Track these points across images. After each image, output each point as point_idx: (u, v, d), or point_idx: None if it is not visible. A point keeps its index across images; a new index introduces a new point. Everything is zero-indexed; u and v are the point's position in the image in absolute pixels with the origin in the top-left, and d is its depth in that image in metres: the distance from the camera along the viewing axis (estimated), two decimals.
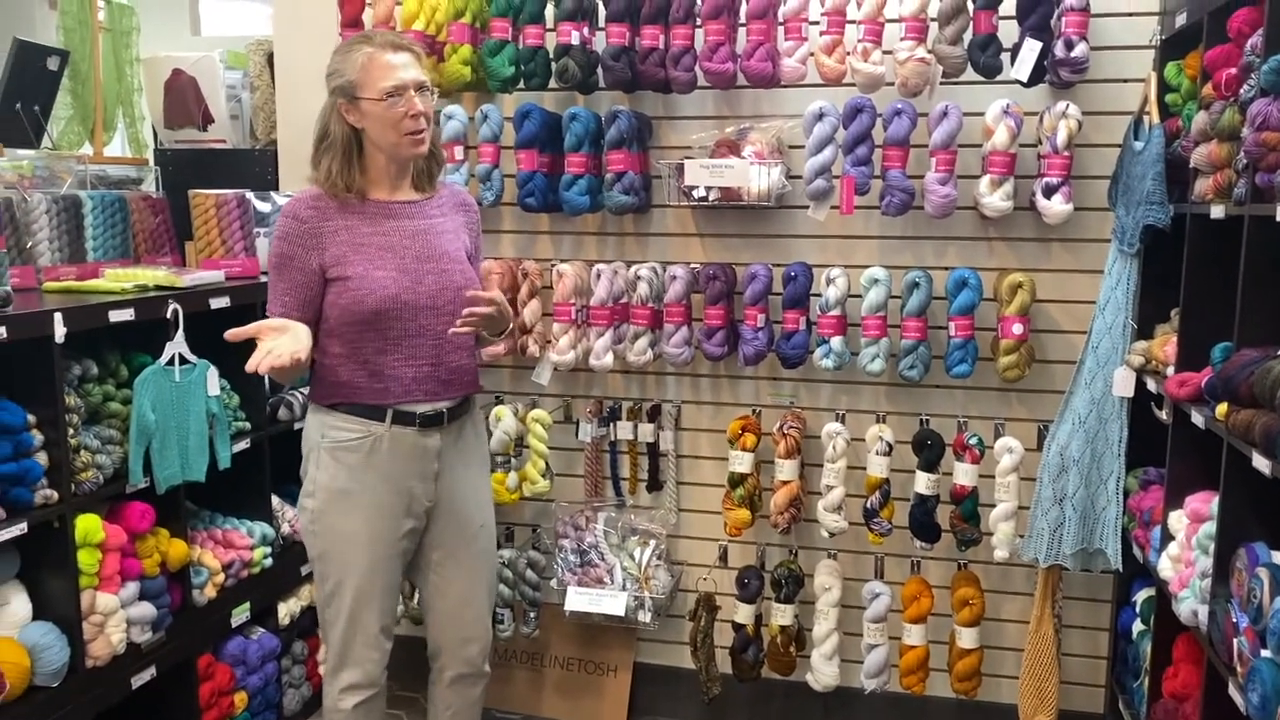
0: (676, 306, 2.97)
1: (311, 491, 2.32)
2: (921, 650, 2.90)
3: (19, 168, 2.87)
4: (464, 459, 2.41)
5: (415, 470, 2.31)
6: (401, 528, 2.34)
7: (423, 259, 2.28)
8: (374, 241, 2.26)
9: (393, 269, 2.24)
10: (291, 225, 2.25)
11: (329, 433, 2.30)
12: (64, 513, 2.33)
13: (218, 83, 3.41)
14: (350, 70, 2.22)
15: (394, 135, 2.22)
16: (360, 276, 2.23)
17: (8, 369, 2.29)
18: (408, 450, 2.29)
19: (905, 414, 3.00)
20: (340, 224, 2.25)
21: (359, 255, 2.24)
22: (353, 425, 2.28)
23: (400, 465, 2.29)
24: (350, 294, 2.23)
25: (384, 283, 2.23)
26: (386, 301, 2.23)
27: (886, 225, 2.92)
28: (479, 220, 2.49)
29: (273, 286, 2.26)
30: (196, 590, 2.76)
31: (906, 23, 2.69)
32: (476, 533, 2.44)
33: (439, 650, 2.50)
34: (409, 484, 2.31)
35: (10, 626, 2.29)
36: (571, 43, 2.89)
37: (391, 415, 2.27)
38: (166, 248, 3.23)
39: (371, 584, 2.33)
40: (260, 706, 3.03)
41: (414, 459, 2.30)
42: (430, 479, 2.34)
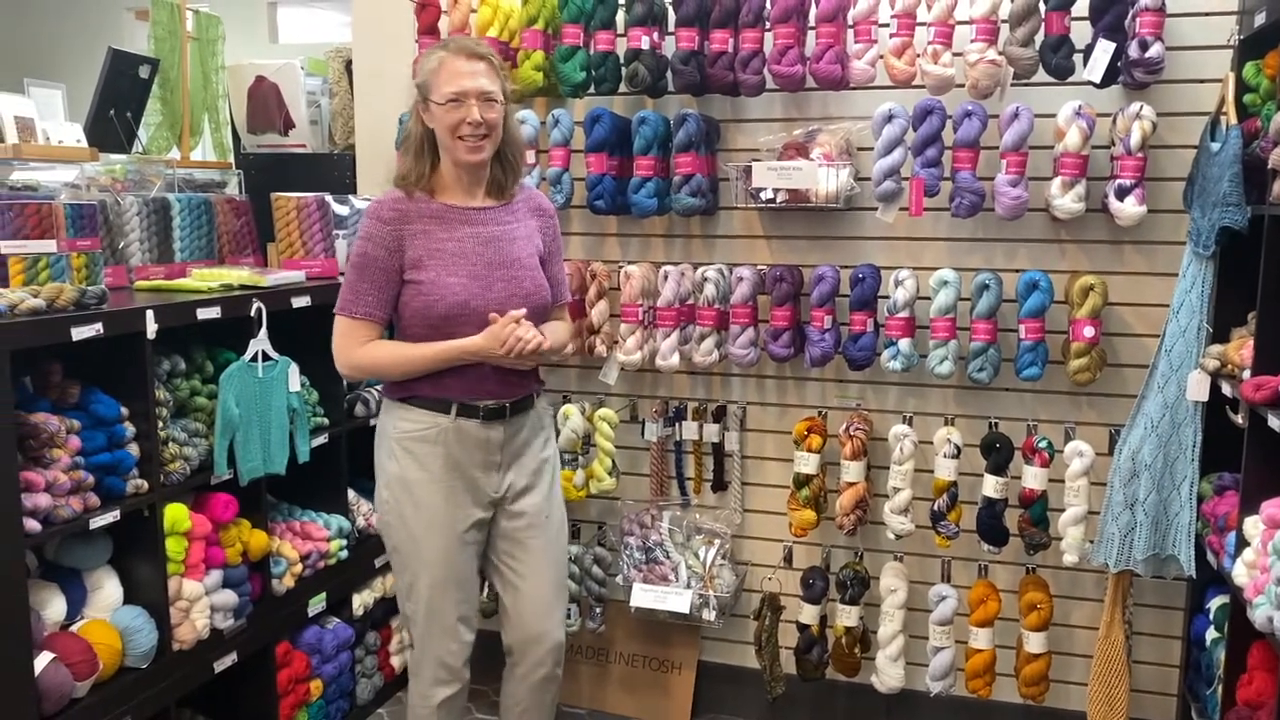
0: (743, 308, 3.00)
1: (385, 483, 2.42)
2: (988, 654, 2.88)
3: (112, 171, 3.00)
4: (529, 452, 2.46)
5: (479, 460, 2.38)
6: (470, 517, 2.40)
7: (494, 265, 2.34)
8: (448, 247, 2.32)
9: (464, 275, 2.31)
10: (375, 227, 2.32)
11: (399, 424, 2.39)
12: (154, 502, 2.43)
13: (298, 89, 3.52)
14: (426, 72, 2.30)
15: (450, 139, 2.29)
16: (432, 282, 2.30)
17: (103, 363, 2.39)
18: (472, 441, 2.36)
19: (974, 417, 2.99)
20: (419, 228, 2.32)
21: (433, 260, 2.31)
22: (421, 418, 2.36)
23: (465, 455, 2.36)
24: (422, 298, 2.31)
25: (454, 289, 2.30)
26: (455, 308, 2.30)
27: (956, 227, 2.91)
28: (556, 224, 2.54)
29: (353, 286, 2.33)
30: (276, 580, 2.86)
31: (977, 25, 2.69)
32: (543, 525, 2.48)
33: (511, 647, 2.54)
34: (474, 474, 2.38)
35: (103, 610, 2.40)
36: (642, 47, 2.94)
37: (456, 408, 2.34)
38: (249, 248, 3.34)
39: (445, 572, 2.40)
40: (335, 694, 3.12)
41: (478, 449, 2.37)
42: (494, 470, 2.41)
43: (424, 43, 3.17)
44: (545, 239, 2.48)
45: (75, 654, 2.23)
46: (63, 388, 2.32)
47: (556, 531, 2.54)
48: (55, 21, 9.25)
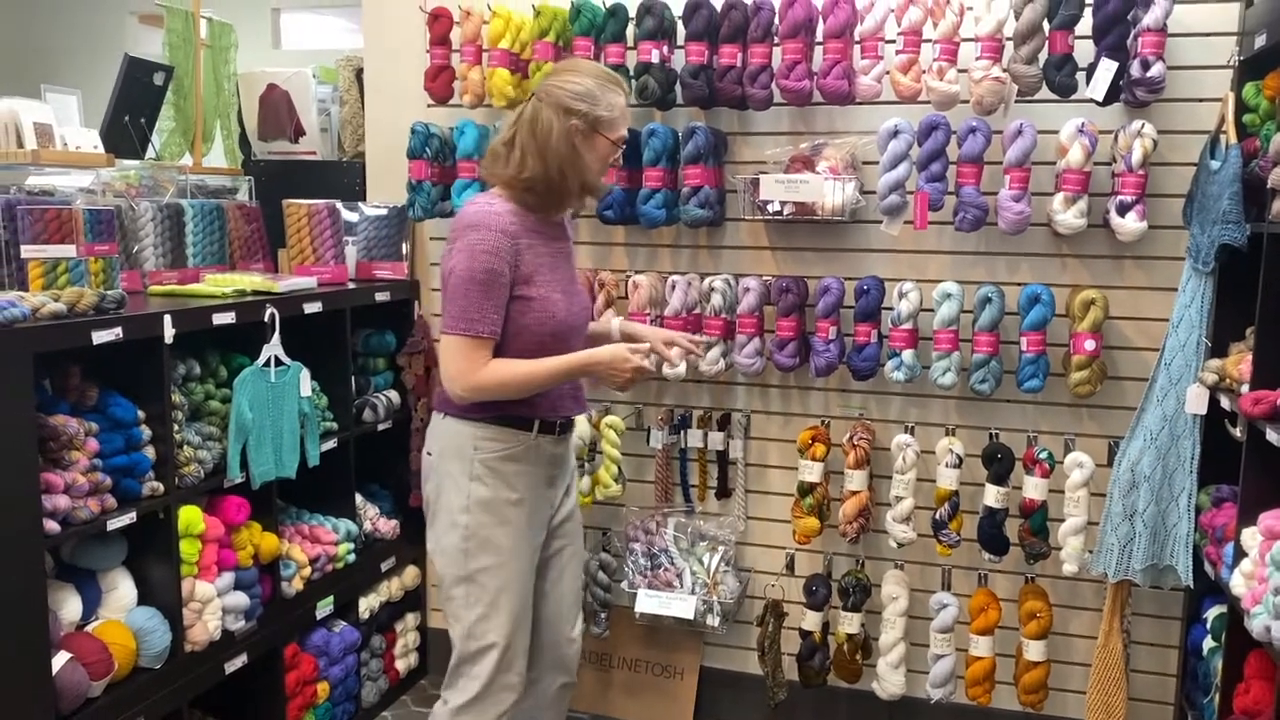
0: (749, 318, 3.04)
1: (465, 507, 2.28)
2: (988, 662, 2.92)
3: (127, 177, 3.04)
4: (569, 466, 2.51)
5: (547, 477, 2.39)
6: (539, 538, 2.41)
7: (571, 280, 2.38)
8: (547, 262, 2.28)
9: (561, 291, 2.30)
10: (499, 240, 2.18)
11: (481, 444, 2.27)
12: (169, 504, 2.47)
13: (310, 97, 3.56)
14: (608, 108, 2.26)
15: (601, 168, 2.32)
16: (543, 298, 2.25)
17: (120, 367, 2.43)
18: (545, 458, 2.36)
19: (974, 428, 3.03)
20: (528, 242, 2.25)
21: (541, 275, 2.25)
22: (507, 436, 2.28)
23: (541, 473, 2.36)
24: (534, 314, 2.24)
25: (560, 304, 2.28)
26: (562, 324, 2.28)
27: (959, 240, 2.96)
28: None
29: (476, 304, 2.17)
30: (285, 582, 2.89)
31: (982, 42, 2.74)
32: (573, 543, 2.53)
33: (536, 658, 2.47)
34: (545, 492, 2.40)
35: (117, 610, 2.43)
36: (652, 61, 2.98)
37: (539, 425, 2.31)
38: (259, 254, 3.37)
39: (522, 601, 2.34)
40: (341, 697, 3.15)
41: (549, 465, 2.38)
42: (556, 487, 2.44)
43: (435, 53, 3.22)
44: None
45: (91, 654, 2.26)
46: (81, 390, 2.35)
47: (580, 540, 2.59)
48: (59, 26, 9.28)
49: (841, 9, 2.84)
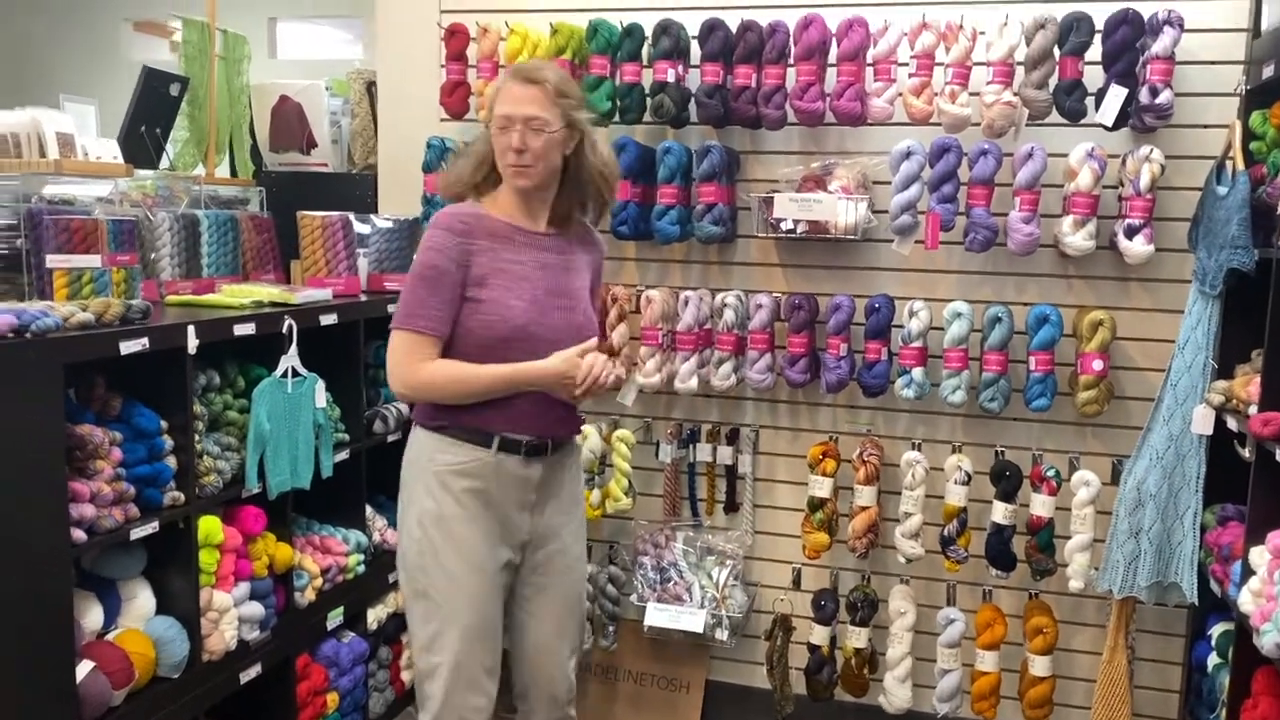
0: (761, 334, 3.08)
1: (416, 520, 2.28)
2: (994, 676, 2.96)
3: (143, 187, 3.05)
4: (561, 493, 2.39)
5: (515, 499, 2.30)
6: (501, 558, 2.31)
7: (552, 293, 2.28)
8: (512, 269, 2.25)
9: (525, 299, 2.24)
10: (443, 238, 2.21)
11: (436, 456, 2.27)
12: (189, 514, 2.47)
13: (322, 109, 3.59)
14: (490, 91, 2.32)
15: (500, 162, 2.24)
16: (494, 301, 2.22)
17: (142, 377, 2.43)
18: (510, 479, 2.28)
19: (981, 445, 3.07)
20: (485, 244, 2.24)
21: (497, 279, 2.23)
22: (460, 450, 2.26)
23: (502, 493, 2.28)
24: (481, 317, 2.21)
25: (517, 312, 2.22)
26: (516, 331, 2.22)
27: (967, 260, 3.01)
28: (603, 257, 2.52)
29: (419, 298, 2.20)
30: (298, 593, 2.89)
31: (994, 67, 2.80)
32: (570, 565, 2.43)
33: (525, 691, 2.46)
34: (508, 512, 2.30)
35: (136, 620, 2.43)
36: (667, 80, 3.02)
37: (498, 442, 2.25)
38: (271, 264, 3.39)
39: (476, 619, 2.28)
40: (349, 708, 3.15)
41: (515, 487, 2.29)
42: (527, 510, 2.33)
43: (451, 69, 3.25)
44: (595, 272, 2.45)
45: (113, 663, 2.26)
46: (105, 400, 2.35)
47: (580, 574, 2.50)
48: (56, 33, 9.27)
49: (856, 32, 2.89)
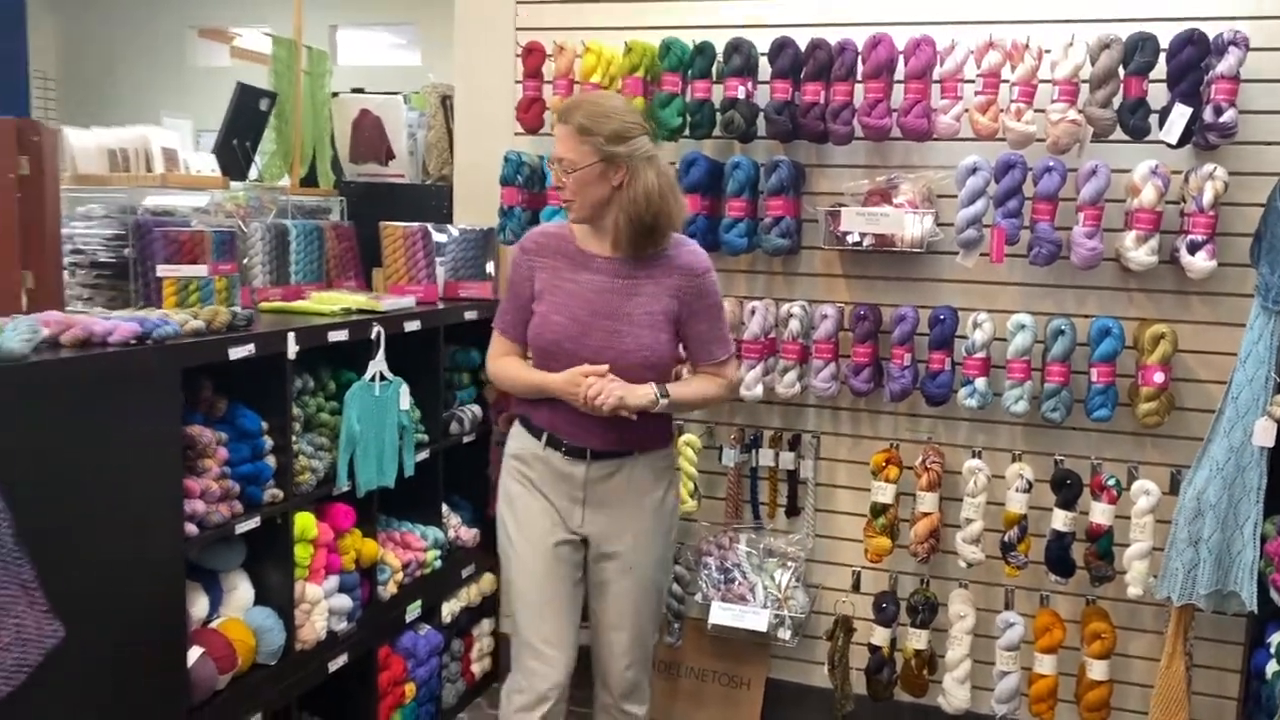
0: (826, 343, 3.17)
1: (500, 499, 2.61)
2: (1052, 680, 3.03)
3: (236, 199, 3.20)
4: (618, 499, 2.50)
5: (564, 491, 2.51)
6: (554, 536, 2.50)
7: (598, 315, 2.41)
8: (566, 287, 2.45)
9: (567, 316, 2.43)
10: (517, 254, 2.55)
11: (511, 443, 2.60)
12: (286, 510, 2.62)
13: (400, 122, 3.73)
14: None
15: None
16: (542, 315, 2.46)
17: (245, 380, 2.58)
18: (555, 472, 2.50)
19: (1040, 454, 3.14)
20: (550, 262, 2.48)
21: (552, 295, 2.46)
22: (525, 439, 2.55)
23: (551, 484, 2.51)
24: (534, 327, 2.48)
25: (554, 327, 2.43)
26: (551, 344, 2.44)
27: (1031, 273, 3.07)
28: (703, 283, 2.48)
29: (504, 306, 2.58)
30: (380, 587, 3.03)
31: (1060, 86, 2.86)
32: (623, 573, 2.53)
33: (595, 678, 2.65)
34: (559, 501, 2.51)
35: (237, 610, 2.58)
36: (738, 97, 3.12)
37: (545, 438, 2.50)
38: (352, 272, 3.53)
39: (530, 589, 2.51)
40: (425, 697, 3.29)
41: (561, 481, 2.50)
42: (579, 505, 2.50)
43: (528, 85, 3.37)
44: (683, 297, 2.44)
45: (219, 649, 2.41)
46: (212, 402, 2.50)
47: (639, 581, 2.55)
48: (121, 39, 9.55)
49: (923, 51, 2.97)
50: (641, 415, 2.41)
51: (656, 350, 2.44)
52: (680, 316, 2.46)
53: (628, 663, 2.58)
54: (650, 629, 2.64)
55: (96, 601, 2.06)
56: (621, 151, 2.36)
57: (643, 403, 2.38)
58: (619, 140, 2.35)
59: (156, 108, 8.65)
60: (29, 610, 1.84)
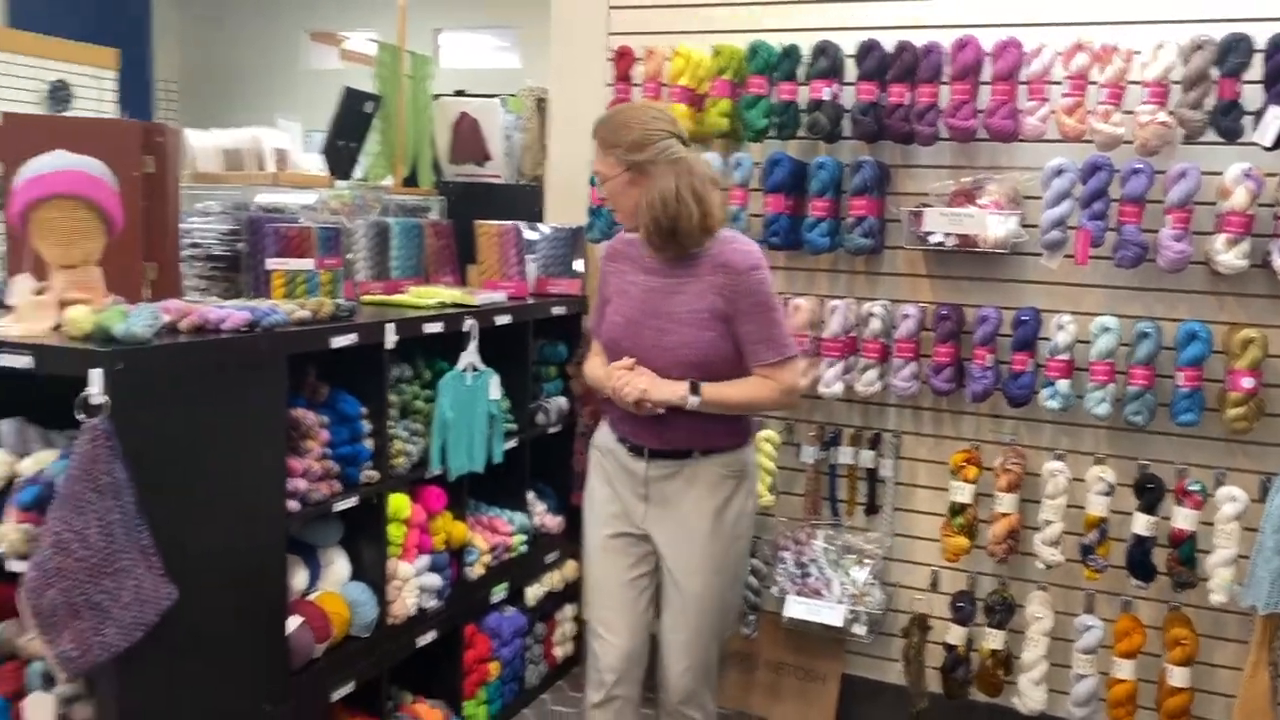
0: (907, 343, 3.20)
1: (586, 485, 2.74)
2: (1130, 685, 3.01)
3: (341, 197, 3.38)
4: (678, 500, 2.53)
5: (629, 486, 2.58)
6: (611, 528, 2.59)
7: (647, 314, 2.49)
8: (628, 289, 2.55)
9: (623, 316, 2.53)
10: (602, 260, 2.70)
11: (595, 435, 2.71)
12: (381, 491, 2.77)
13: (497, 124, 3.87)
14: None
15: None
16: (609, 316, 2.59)
17: (345, 367, 2.74)
18: (622, 466, 2.59)
19: (1124, 458, 3.11)
20: (619, 267, 2.59)
21: (617, 298, 2.57)
22: (605, 432, 2.67)
23: (619, 476, 2.59)
24: (604, 328, 2.62)
25: (613, 327, 2.56)
26: (610, 343, 2.56)
27: (1117, 276, 3.05)
28: (747, 281, 2.44)
29: (593, 307, 2.73)
30: (468, 567, 3.17)
31: (1149, 87, 2.85)
32: (679, 577, 2.55)
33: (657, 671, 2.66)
34: (625, 495, 2.59)
35: (334, 583, 2.74)
36: (823, 98, 3.18)
37: (617, 433, 2.61)
38: (448, 268, 3.69)
39: (590, 574, 2.66)
40: (508, 677, 3.43)
41: (626, 474, 2.58)
42: (642, 501, 2.56)
43: (618, 88, 3.48)
44: (727, 296, 2.43)
45: (317, 619, 2.57)
46: (315, 387, 2.67)
47: (695, 587, 2.53)
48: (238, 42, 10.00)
49: (1010, 53, 2.98)
50: (701, 417, 2.44)
51: (699, 348, 2.44)
52: (728, 315, 2.44)
53: (683, 667, 2.57)
54: (708, 639, 2.58)
55: (207, 569, 2.22)
56: (642, 158, 2.41)
57: (669, 398, 2.42)
58: (638, 148, 2.41)
59: (271, 109, 9.05)
60: (147, 573, 2.01)
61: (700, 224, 2.41)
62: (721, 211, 2.49)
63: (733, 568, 2.60)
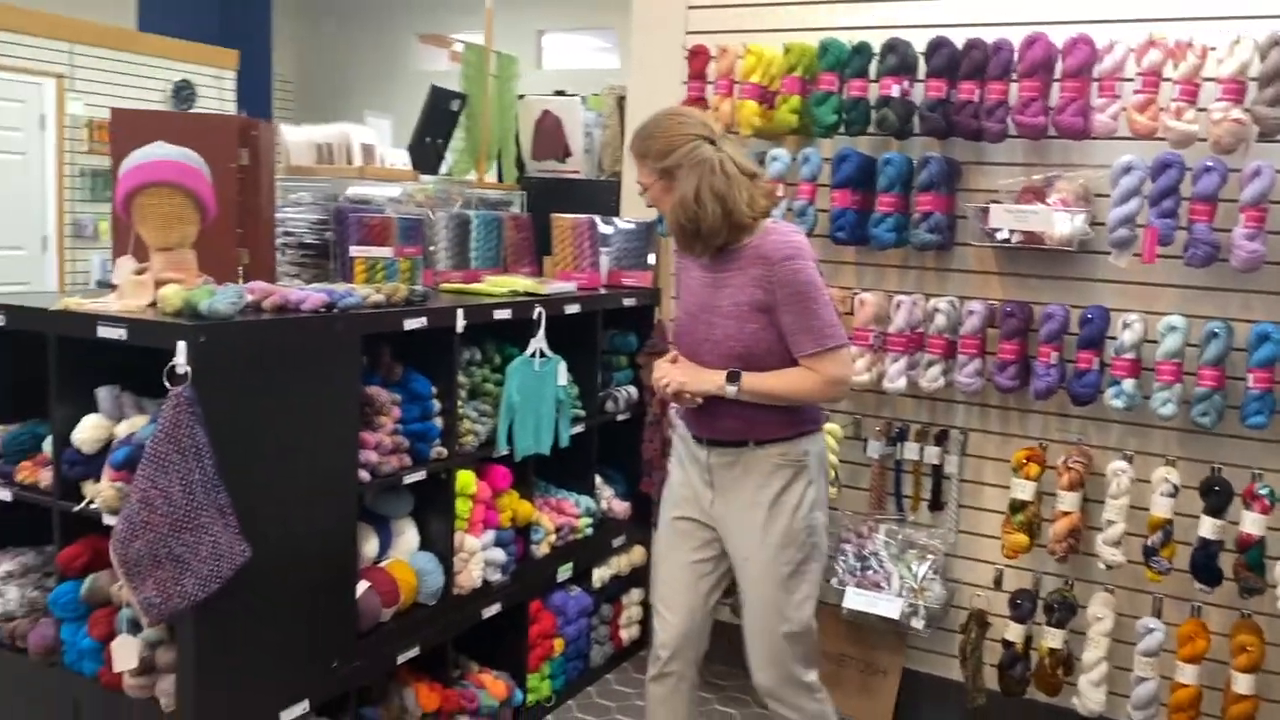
0: (971, 339, 3.21)
1: None
2: (1193, 690, 2.96)
3: (425, 190, 3.55)
4: (738, 488, 2.56)
5: (696, 473, 2.63)
6: (677, 510, 2.67)
7: (700, 309, 2.55)
8: (690, 284, 2.62)
9: (683, 311, 2.63)
10: (674, 257, 2.78)
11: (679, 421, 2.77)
12: (449, 467, 2.92)
13: (577, 122, 4.00)
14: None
15: None
16: (676, 311, 2.69)
17: (416, 349, 2.89)
18: (690, 453, 2.65)
19: (1195, 460, 3.06)
20: (686, 263, 2.64)
21: (682, 293, 2.66)
22: (680, 419, 2.73)
23: (689, 463, 2.65)
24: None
25: (678, 322, 2.66)
26: (676, 337, 2.66)
27: (1189, 275, 3.00)
28: (785, 271, 2.44)
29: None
30: (534, 545, 3.30)
31: (1224, 84, 2.80)
32: (740, 564, 2.59)
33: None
34: (695, 481, 2.64)
35: (404, 552, 2.90)
36: (892, 95, 3.20)
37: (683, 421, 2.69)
38: (527, 259, 3.83)
39: (660, 550, 2.74)
40: (573, 654, 3.55)
41: (694, 462, 2.64)
42: (708, 488, 2.61)
43: (692, 86, 3.56)
44: (767, 286, 2.44)
45: (384, 585, 2.73)
46: (390, 367, 2.83)
47: (757, 573, 2.55)
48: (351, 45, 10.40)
49: (1081, 49, 2.97)
50: (749, 407, 2.48)
51: (743, 340, 2.46)
52: (769, 306, 2.45)
53: (760, 662, 2.59)
54: (778, 632, 2.56)
55: (280, 531, 2.40)
56: (669, 164, 2.46)
57: (708, 389, 2.47)
58: (665, 155, 2.46)
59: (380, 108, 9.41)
60: (224, 531, 2.18)
61: (724, 221, 2.43)
62: (761, 202, 2.49)
63: (796, 558, 2.55)
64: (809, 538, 2.56)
